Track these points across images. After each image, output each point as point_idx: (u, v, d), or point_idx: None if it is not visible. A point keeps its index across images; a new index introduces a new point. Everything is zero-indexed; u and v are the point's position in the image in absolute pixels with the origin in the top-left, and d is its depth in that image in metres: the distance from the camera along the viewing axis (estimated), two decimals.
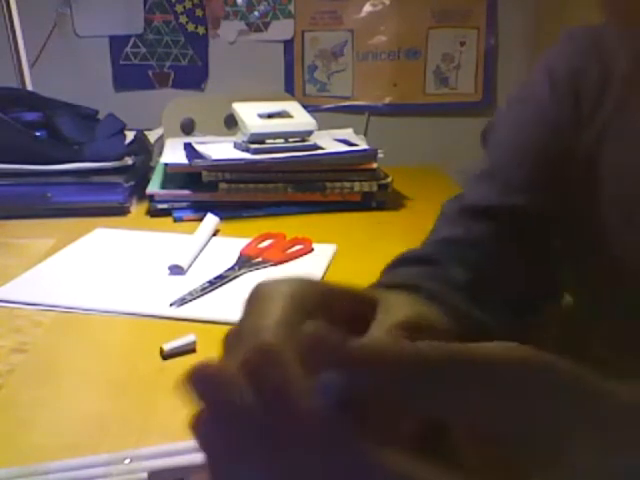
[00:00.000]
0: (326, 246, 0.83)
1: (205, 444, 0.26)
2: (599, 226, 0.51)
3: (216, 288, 0.70)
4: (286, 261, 0.78)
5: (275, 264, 0.77)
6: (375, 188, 1.00)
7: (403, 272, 0.48)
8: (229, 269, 0.74)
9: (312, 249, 0.81)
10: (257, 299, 0.32)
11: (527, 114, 0.56)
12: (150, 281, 0.73)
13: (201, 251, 0.81)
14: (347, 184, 0.99)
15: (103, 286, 0.71)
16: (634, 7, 0.41)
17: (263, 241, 0.82)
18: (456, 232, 0.52)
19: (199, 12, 1.42)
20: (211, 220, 0.89)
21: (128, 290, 0.70)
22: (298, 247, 0.81)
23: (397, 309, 0.34)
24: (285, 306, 0.30)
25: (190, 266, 0.76)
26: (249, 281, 0.72)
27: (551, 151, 0.53)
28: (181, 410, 0.50)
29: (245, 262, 0.76)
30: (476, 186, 0.56)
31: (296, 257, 0.79)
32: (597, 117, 0.50)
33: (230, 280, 0.72)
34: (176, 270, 0.75)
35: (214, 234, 0.88)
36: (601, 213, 0.51)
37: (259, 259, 0.77)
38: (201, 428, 0.26)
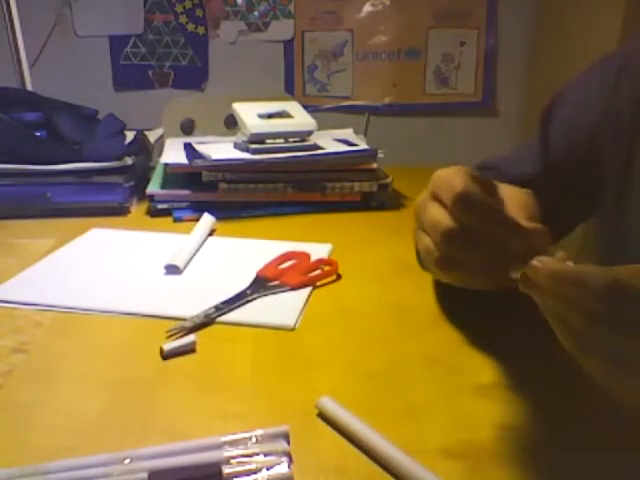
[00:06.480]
0: (326, 246, 0.83)
1: None
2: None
3: (227, 312, 0.63)
4: (305, 285, 0.70)
5: (293, 288, 0.69)
6: (375, 188, 1.00)
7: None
8: (241, 293, 0.67)
9: (337, 274, 0.73)
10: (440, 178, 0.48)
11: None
12: (148, 281, 0.73)
13: (197, 251, 0.81)
14: (347, 184, 0.99)
15: (102, 286, 0.71)
16: None
17: (284, 262, 0.75)
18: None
19: (199, 12, 1.42)
20: (207, 220, 0.89)
21: (129, 290, 0.70)
22: (319, 271, 0.73)
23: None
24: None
25: (186, 266, 0.76)
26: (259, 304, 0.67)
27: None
28: (181, 410, 0.50)
29: (260, 285, 0.69)
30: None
31: (317, 280, 0.71)
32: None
33: (242, 305, 0.65)
34: (172, 270, 0.75)
35: (210, 234, 0.88)
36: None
37: (276, 282, 0.70)
38: None
